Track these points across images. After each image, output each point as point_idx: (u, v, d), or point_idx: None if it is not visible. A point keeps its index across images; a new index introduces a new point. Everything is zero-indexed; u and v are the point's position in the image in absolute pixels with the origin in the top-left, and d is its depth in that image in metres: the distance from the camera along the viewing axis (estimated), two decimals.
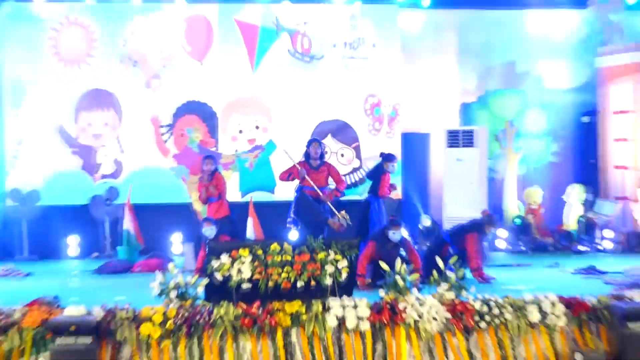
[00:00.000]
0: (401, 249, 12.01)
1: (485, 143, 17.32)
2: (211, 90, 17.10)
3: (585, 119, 18.49)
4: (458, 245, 12.27)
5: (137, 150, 16.91)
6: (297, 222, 13.69)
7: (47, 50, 16.70)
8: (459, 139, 17.13)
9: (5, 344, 8.95)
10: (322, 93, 17.35)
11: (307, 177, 13.42)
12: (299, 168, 13.46)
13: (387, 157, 14.23)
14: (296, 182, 13.65)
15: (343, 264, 9.91)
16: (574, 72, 18.62)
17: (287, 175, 13.71)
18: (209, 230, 12.82)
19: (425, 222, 16.98)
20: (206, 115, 17.10)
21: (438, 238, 13.44)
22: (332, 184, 13.81)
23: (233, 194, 15.83)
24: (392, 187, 14.39)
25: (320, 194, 13.41)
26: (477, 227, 13.03)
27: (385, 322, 9.25)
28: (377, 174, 14.13)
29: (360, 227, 13.81)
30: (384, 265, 10.07)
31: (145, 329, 8.98)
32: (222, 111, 17.15)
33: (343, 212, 13.27)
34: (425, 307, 9.31)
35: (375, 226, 13.56)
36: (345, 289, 9.90)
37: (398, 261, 9.94)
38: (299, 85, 17.30)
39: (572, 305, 9.62)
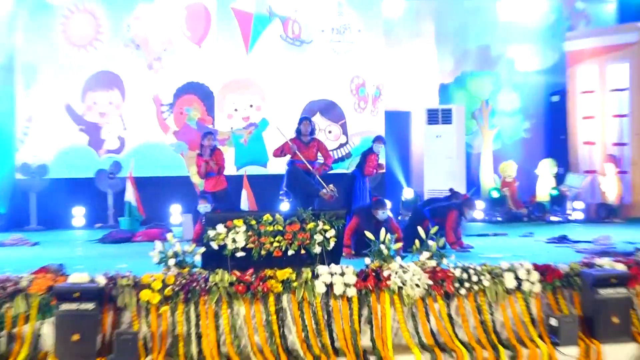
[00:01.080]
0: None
1: (463, 120, 17.25)
2: (209, 72, 16.99)
3: (555, 98, 18.51)
4: (438, 222, 11.94)
5: (139, 127, 16.79)
6: (289, 194, 13.51)
7: (57, 35, 16.51)
8: (438, 116, 16.98)
9: (12, 310, 8.69)
10: (311, 74, 17.30)
11: (297, 152, 13.22)
12: (291, 144, 13.28)
13: (377, 138, 14.16)
14: (288, 157, 13.47)
15: (331, 233, 9.67)
16: (543, 55, 18.58)
17: (280, 152, 13.58)
18: (203, 208, 12.48)
19: (407, 194, 17.00)
20: (204, 95, 16.98)
21: (419, 210, 13.14)
22: (320, 159, 13.66)
23: (229, 168, 15.58)
24: (380, 166, 14.38)
25: (310, 167, 13.21)
26: (457, 207, 12.77)
27: (371, 288, 8.99)
28: (365, 154, 13.94)
29: (345, 199, 13.65)
30: (369, 235, 9.79)
31: (145, 295, 8.70)
32: (219, 91, 17.06)
33: (331, 185, 13.09)
34: (408, 274, 9.03)
35: (358, 200, 13.51)
36: (333, 257, 9.66)
37: (382, 231, 9.66)
38: (290, 67, 17.21)
39: (546, 273, 9.37)
